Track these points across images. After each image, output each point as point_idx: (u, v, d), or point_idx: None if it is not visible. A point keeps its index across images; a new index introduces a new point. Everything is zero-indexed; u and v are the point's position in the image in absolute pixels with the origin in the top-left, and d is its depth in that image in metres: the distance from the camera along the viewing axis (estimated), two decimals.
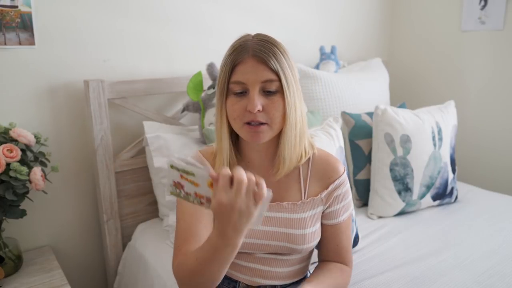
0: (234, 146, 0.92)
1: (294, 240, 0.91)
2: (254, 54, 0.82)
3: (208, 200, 0.72)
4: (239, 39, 0.87)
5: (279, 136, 0.88)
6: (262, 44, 0.83)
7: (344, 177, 0.97)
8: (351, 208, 1.00)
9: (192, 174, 0.72)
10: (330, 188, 0.94)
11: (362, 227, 1.51)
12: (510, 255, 1.31)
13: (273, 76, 0.82)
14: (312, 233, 0.93)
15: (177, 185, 0.75)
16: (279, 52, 0.84)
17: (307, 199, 0.94)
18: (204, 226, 0.87)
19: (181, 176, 0.74)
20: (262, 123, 0.84)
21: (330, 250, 0.99)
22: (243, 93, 0.83)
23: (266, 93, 0.83)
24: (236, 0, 1.81)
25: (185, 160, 0.74)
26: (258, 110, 0.82)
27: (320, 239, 0.98)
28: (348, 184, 0.99)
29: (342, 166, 0.97)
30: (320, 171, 0.95)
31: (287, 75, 0.84)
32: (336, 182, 0.95)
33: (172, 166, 0.74)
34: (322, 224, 0.97)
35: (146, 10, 1.58)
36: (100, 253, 1.65)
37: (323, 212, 0.96)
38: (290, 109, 0.84)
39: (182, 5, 1.66)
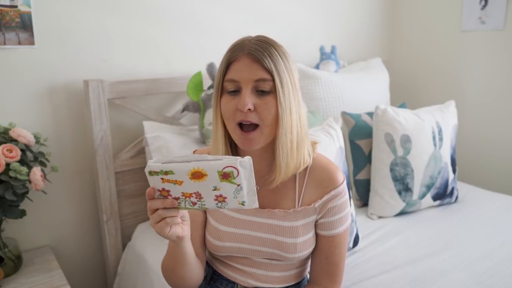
0: (230, 148, 0.89)
1: (285, 248, 0.88)
2: (249, 52, 0.81)
3: (198, 195, 0.66)
4: (239, 39, 0.86)
5: (275, 142, 0.84)
6: (258, 43, 0.82)
7: (342, 188, 0.90)
8: (348, 222, 0.93)
9: (172, 172, 0.64)
10: (325, 198, 0.89)
11: (362, 227, 1.51)
12: (510, 255, 1.31)
13: (266, 76, 0.80)
14: (304, 242, 0.89)
15: (163, 193, 0.68)
16: (276, 53, 0.82)
17: (300, 207, 0.89)
18: (195, 229, 0.95)
19: (162, 179, 0.66)
20: (254, 126, 0.81)
21: (320, 262, 0.93)
22: (237, 91, 0.82)
23: (259, 93, 0.81)
24: (235, 0, 1.81)
25: (161, 160, 0.67)
26: (249, 110, 0.79)
27: (313, 248, 0.93)
28: (347, 196, 0.92)
29: (341, 176, 0.91)
30: (317, 179, 0.90)
31: (282, 76, 0.81)
32: (332, 193, 0.89)
33: (151, 172, 0.66)
34: (316, 233, 0.92)
35: (145, 10, 1.58)
36: (100, 253, 1.65)
37: (316, 221, 0.91)
38: (283, 111, 0.80)
39: (181, 5, 1.66)
